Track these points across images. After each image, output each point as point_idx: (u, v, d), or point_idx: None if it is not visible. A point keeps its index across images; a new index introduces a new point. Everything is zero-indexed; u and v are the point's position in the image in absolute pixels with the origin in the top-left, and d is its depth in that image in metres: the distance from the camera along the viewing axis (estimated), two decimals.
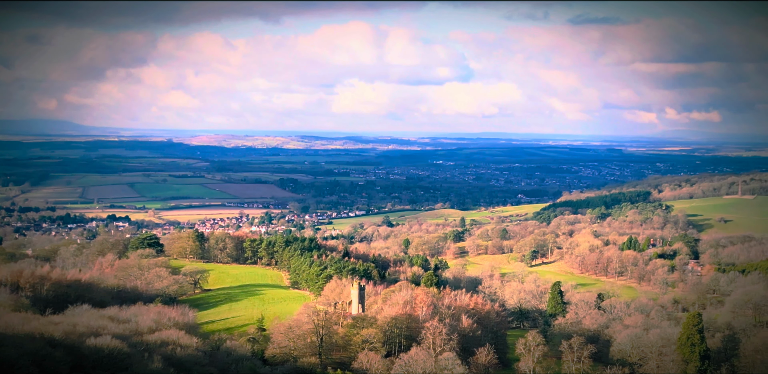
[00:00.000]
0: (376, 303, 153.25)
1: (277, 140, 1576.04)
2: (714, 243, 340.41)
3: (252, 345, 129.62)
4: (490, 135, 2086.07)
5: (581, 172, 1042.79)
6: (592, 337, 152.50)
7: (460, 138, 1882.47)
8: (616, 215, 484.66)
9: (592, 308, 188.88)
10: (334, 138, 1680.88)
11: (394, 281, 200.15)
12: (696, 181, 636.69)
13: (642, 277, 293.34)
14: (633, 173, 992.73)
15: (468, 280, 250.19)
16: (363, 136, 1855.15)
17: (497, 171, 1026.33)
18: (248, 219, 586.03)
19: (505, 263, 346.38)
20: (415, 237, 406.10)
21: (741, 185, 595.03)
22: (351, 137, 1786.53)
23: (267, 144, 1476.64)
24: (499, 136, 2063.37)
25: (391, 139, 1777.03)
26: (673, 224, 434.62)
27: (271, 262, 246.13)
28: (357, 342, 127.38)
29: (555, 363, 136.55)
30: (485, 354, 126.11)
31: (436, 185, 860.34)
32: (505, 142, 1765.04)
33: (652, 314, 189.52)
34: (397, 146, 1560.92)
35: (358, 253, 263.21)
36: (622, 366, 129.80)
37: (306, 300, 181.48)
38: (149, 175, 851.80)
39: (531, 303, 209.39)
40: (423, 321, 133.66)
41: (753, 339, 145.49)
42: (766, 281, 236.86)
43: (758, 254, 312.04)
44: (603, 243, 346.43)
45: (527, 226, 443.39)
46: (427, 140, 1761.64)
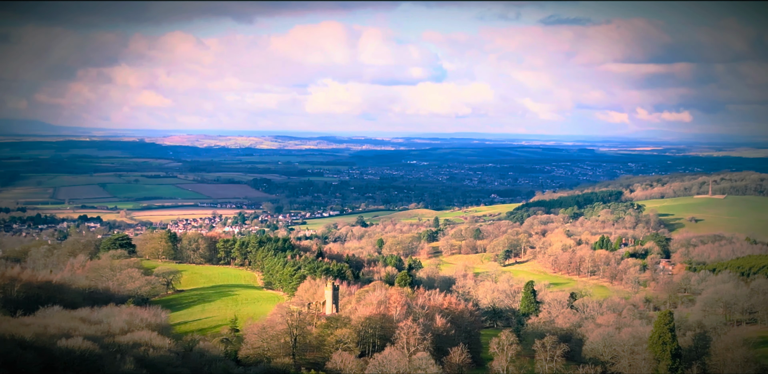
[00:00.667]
0: (350, 303, 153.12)
1: (251, 140, 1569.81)
2: (685, 242, 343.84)
3: (225, 345, 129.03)
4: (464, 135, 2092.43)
5: (554, 172, 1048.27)
6: (565, 336, 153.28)
7: (434, 138, 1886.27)
8: (589, 214, 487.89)
9: (564, 307, 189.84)
10: (307, 138, 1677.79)
11: (368, 281, 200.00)
12: (667, 181, 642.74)
13: (614, 276, 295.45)
14: (605, 172, 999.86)
15: (442, 280, 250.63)
16: (337, 136, 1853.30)
17: (471, 171, 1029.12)
18: (221, 220, 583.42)
19: (479, 262, 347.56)
20: (389, 237, 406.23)
21: (712, 184, 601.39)
22: (325, 137, 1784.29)
23: (240, 144, 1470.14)
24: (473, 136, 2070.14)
25: (365, 139, 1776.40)
26: (644, 224, 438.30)
27: (244, 263, 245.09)
28: (331, 343, 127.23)
29: (528, 362, 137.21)
30: (459, 353, 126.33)
31: (410, 185, 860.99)
32: (479, 142, 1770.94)
33: (624, 313, 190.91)
34: (371, 146, 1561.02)
35: (332, 253, 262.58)
36: (594, 365, 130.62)
37: (279, 300, 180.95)
38: (121, 175, 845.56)
39: (504, 303, 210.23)
40: (397, 320, 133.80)
41: (723, 337, 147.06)
42: (736, 279, 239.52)
43: (728, 253, 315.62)
44: (575, 243, 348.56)
45: (500, 226, 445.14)
46: (401, 140, 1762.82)
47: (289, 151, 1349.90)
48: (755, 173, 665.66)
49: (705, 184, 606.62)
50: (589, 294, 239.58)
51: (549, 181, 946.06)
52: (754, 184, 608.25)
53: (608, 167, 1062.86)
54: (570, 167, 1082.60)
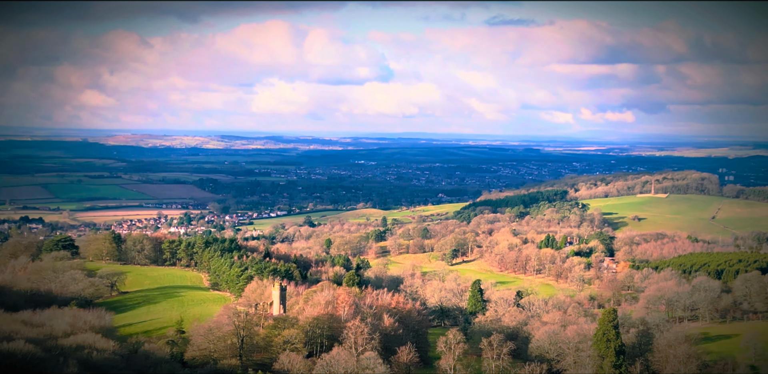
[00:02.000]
0: (297, 304, 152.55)
1: (197, 139, 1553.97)
2: (628, 241, 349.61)
3: (171, 347, 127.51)
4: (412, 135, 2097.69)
5: (500, 171, 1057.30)
6: (512, 334, 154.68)
7: (382, 138, 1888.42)
8: (535, 213, 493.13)
9: (511, 305, 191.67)
10: (254, 138, 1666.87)
11: (316, 281, 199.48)
12: (611, 180, 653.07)
13: (559, 274, 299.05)
14: (550, 172, 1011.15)
15: (390, 279, 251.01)
16: (284, 136, 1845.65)
17: (418, 171, 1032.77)
18: (167, 220, 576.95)
19: (427, 262, 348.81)
20: (337, 237, 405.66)
21: (654, 184, 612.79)
22: (272, 136, 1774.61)
23: (186, 144, 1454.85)
24: (420, 136, 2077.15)
25: (313, 139, 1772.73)
26: (589, 223, 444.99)
27: (190, 264, 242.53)
28: (278, 343, 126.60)
29: (475, 360, 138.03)
30: (407, 352, 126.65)
31: (357, 184, 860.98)
32: (426, 142, 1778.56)
33: (569, 310, 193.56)
34: (319, 145, 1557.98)
35: (280, 253, 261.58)
36: (540, 363, 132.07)
37: (226, 301, 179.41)
38: (64, 175, 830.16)
39: (452, 302, 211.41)
40: (345, 320, 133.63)
41: (666, 334, 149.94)
42: (678, 277, 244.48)
43: (671, 251, 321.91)
44: (522, 242, 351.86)
45: (448, 225, 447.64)
46: (348, 140, 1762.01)
47: (235, 151, 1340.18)
48: (696, 172, 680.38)
49: (648, 183, 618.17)
50: (535, 292, 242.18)
51: (495, 180, 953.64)
52: (695, 183, 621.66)
53: (553, 167, 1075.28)
54: (516, 167, 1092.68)
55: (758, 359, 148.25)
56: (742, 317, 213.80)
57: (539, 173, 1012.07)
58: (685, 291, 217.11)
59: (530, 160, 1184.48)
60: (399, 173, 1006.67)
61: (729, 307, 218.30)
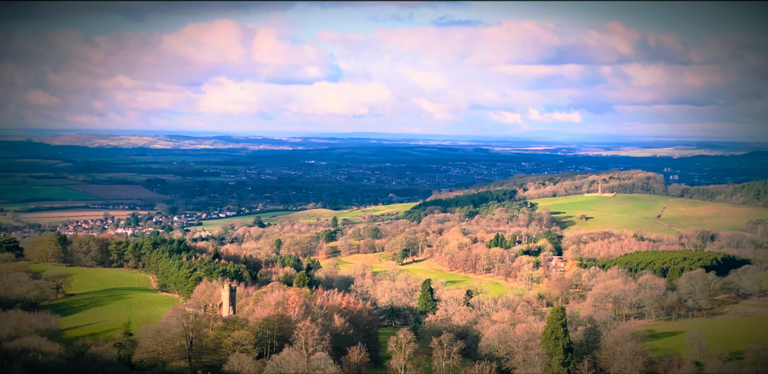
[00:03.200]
0: (247, 305, 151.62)
1: (144, 139, 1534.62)
2: (576, 240, 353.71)
3: (118, 350, 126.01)
4: (362, 135, 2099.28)
5: (450, 171, 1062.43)
6: (462, 333, 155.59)
7: (332, 138, 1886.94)
8: (484, 213, 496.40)
9: (461, 304, 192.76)
10: (203, 138, 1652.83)
11: (266, 282, 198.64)
12: (559, 179, 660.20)
13: (509, 273, 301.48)
14: (499, 172, 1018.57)
15: (340, 279, 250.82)
16: (233, 135, 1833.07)
17: (369, 171, 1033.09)
18: (114, 221, 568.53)
19: (377, 262, 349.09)
20: (287, 237, 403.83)
21: (601, 183, 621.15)
22: (221, 136, 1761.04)
23: (133, 144, 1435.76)
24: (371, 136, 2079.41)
25: (263, 138, 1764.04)
26: (537, 222, 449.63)
27: (138, 265, 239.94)
28: (228, 345, 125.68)
29: (426, 359, 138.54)
30: (357, 352, 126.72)
31: (308, 185, 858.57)
32: (377, 142, 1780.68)
33: (519, 309, 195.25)
34: (269, 145, 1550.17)
35: (229, 254, 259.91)
36: (490, 361, 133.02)
37: (175, 303, 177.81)
38: (8, 176, 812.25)
39: (402, 301, 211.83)
40: (295, 321, 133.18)
41: (613, 332, 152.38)
42: (624, 275, 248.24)
43: (617, 249, 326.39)
44: (471, 241, 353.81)
45: (398, 225, 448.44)
46: (298, 140, 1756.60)
47: (184, 151, 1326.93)
48: (642, 171, 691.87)
49: (595, 182, 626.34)
50: (484, 291, 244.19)
51: (446, 180, 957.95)
52: (641, 182, 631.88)
53: (503, 167, 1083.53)
54: (466, 167, 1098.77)
55: (703, 356, 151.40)
56: (687, 314, 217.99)
57: (489, 173, 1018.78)
58: (632, 289, 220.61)
59: (480, 160, 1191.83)
60: (349, 173, 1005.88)
61: (674, 305, 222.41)
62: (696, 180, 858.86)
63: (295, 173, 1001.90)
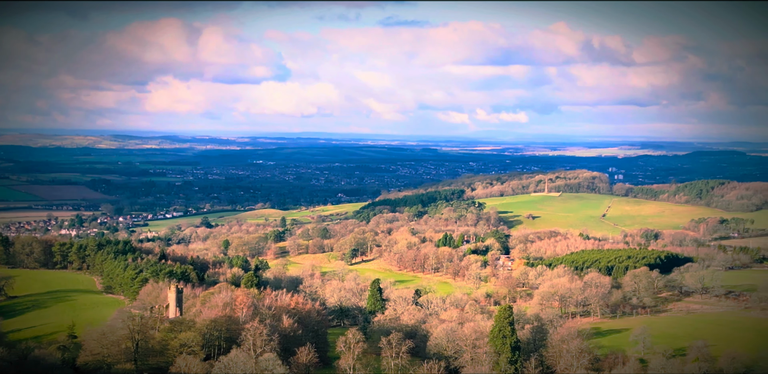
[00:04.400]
0: (194, 306, 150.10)
1: (89, 139, 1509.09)
2: (523, 239, 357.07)
3: (62, 353, 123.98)
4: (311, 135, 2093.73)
5: (399, 171, 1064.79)
6: (410, 332, 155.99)
7: (280, 138, 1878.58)
8: (433, 212, 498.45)
9: (410, 304, 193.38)
10: (149, 137, 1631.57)
11: (214, 283, 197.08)
12: (506, 179, 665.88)
13: (457, 272, 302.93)
14: (448, 171, 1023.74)
15: (289, 280, 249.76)
16: (180, 135, 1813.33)
17: (318, 171, 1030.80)
18: (57, 222, 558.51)
19: (326, 262, 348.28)
20: (235, 238, 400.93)
21: (547, 182, 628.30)
22: (167, 136, 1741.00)
23: (77, 144, 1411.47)
24: (319, 136, 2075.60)
25: (210, 138, 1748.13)
26: (485, 221, 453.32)
27: (82, 267, 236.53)
28: (175, 346, 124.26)
29: (374, 359, 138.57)
30: (306, 353, 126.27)
31: (256, 185, 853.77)
32: (325, 142, 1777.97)
33: (467, 308, 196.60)
34: (216, 145, 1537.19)
35: (176, 255, 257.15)
36: (438, 360, 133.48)
37: (120, 305, 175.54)
38: None
39: (351, 301, 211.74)
40: (243, 322, 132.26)
41: (559, 330, 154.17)
42: (570, 274, 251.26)
43: (564, 248, 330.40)
44: (420, 240, 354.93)
45: (347, 225, 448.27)
46: (246, 140, 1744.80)
47: (129, 151, 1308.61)
48: (588, 171, 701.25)
49: (541, 182, 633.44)
50: (433, 290, 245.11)
51: (394, 180, 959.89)
52: (586, 182, 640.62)
53: (451, 166, 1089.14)
54: (414, 167, 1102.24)
55: (647, 352, 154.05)
56: (632, 312, 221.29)
57: (437, 173, 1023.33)
58: (578, 287, 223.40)
59: (428, 160, 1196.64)
60: (298, 173, 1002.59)
61: (619, 302, 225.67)
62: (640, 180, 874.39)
63: (243, 173, 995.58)
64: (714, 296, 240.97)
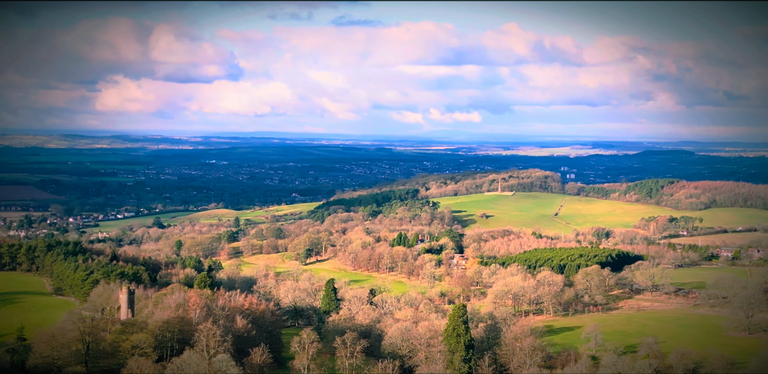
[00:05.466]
0: (146, 307, 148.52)
1: (38, 138, 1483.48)
2: (477, 238, 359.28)
3: (11, 356, 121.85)
4: (264, 134, 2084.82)
5: (354, 171, 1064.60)
6: (365, 332, 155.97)
7: (234, 137, 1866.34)
8: (387, 212, 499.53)
9: (364, 303, 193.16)
10: (100, 137, 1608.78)
11: (166, 284, 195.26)
12: (460, 179, 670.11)
13: (412, 272, 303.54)
14: (402, 171, 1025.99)
15: (243, 280, 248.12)
16: (131, 135, 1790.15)
17: (271, 170, 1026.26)
18: (6, 223, 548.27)
19: (280, 262, 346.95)
20: (188, 238, 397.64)
21: (501, 182, 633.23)
22: (118, 135, 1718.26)
23: (26, 143, 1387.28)
24: (273, 135, 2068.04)
25: (162, 138, 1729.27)
26: (439, 220, 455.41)
27: (31, 268, 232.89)
28: (126, 348, 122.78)
29: (329, 359, 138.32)
30: (260, 353, 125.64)
31: (209, 184, 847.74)
32: (279, 141, 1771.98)
33: (421, 307, 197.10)
34: (169, 145, 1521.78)
35: (128, 256, 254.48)
36: (393, 359, 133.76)
37: (71, 306, 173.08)
38: None
39: (306, 301, 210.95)
40: (196, 323, 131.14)
41: (513, 328, 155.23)
42: (524, 272, 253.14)
43: (517, 247, 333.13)
44: (375, 240, 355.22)
45: (302, 225, 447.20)
46: (199, 139, 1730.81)
47: (80, 150, 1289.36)
48: (540, 170, 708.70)
49: (495, 181, 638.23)
50: (387, 289, 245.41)
51: (349, 180, 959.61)
52: (539, 181, 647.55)
53: (405, 166, 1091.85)
54: (369, 166, 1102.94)
55: (599, 350, 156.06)
56: (584, 309, 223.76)
57: (391, 172, 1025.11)
58: (531, 285, 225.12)
59: (383, 159, 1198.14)
60: (252, 173, 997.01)
61: (571, 300, 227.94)
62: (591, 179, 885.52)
63: (196, 173, 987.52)
64: (664, 293, 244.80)
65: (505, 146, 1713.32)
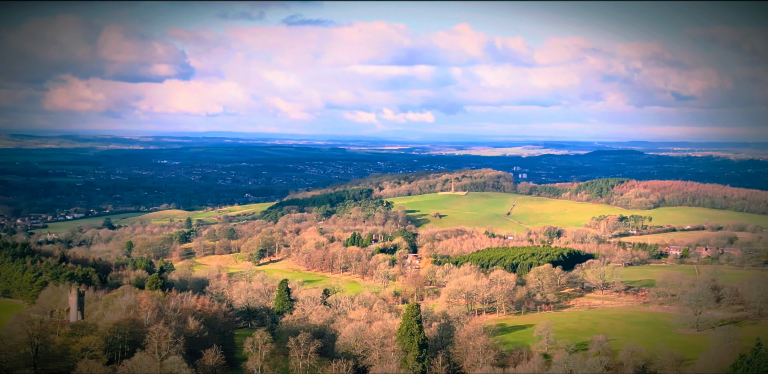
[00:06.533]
0: (97, 309, 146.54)
1: None
2: (430, 237, 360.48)
3: None
4: (216, 134, 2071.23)
5: (307, 171, 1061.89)
6: (319, 332, 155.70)
7: (185, 137, 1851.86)
8: (341, 212, 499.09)
9: (318, 304, 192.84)
10: (48, 137, 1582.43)
11: (117, 285, 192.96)
12: (414, 179, 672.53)
13: (365, 271, 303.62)
14: (356, 171, 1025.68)
15: (195, 281, 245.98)
16: (81, 135, 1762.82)
17: (224, 171, 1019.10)
18: None
19: (233, 262, 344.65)
20: (139, 239, 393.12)
21: (454, 182, 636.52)
22: (68, 135, 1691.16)
23: None
24: (226, 135, 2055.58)
25: (112, 138, 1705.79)
26: (393, 220, 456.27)
27: None
28: (76, 351, 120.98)
29: (283, 360, 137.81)
30: (212, 355, 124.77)
31: (160, 185, 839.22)
32: (232, 141, 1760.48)
33: (375, 307, 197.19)
34: (119, 145, 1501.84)
35: (77, 258, 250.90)
36: (347, 359, 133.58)
37: (19, 309, 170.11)
38: None
39: (259, 302, 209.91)
40: (147, 325, 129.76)
41: (466, 327, 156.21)
42: (476, 271, 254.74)
43: (470, 246, 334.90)
44: (328, 240, 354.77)
45: (255, 225, 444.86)
46: (150, 139, 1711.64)
47: (28, 150, 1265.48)
48: (493, 170, 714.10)
49: (448, 181, 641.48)
50: (341, 289, 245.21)
51: (303, 180, 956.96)
52: (491, 181, 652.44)
53: (359, 166, 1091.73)
54: (323, 166, 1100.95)
55: (551, 347, 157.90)
56: (536, 308, 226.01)
57: (345, 173, 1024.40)
58: (484, 284, 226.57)
59: (336, 159, 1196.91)
60: (204, 173, 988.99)
61: (523, 299, 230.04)
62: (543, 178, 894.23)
63: (147, 173, 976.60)
64: (614, 291, 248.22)
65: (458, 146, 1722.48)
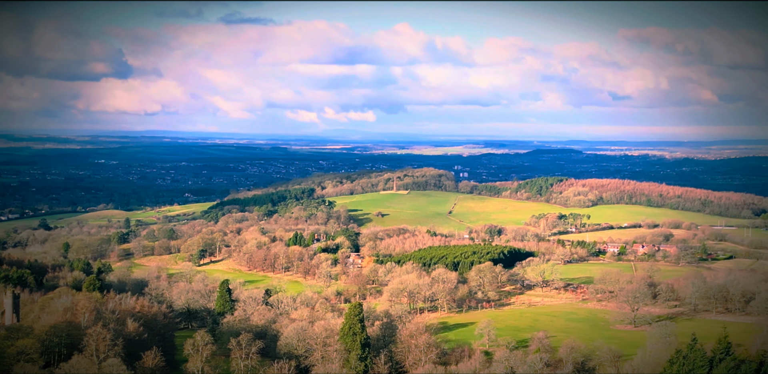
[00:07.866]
0: (32, 312, 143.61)
1: None
2: (373, 236, 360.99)
3: None
4: (155, 133, 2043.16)
5: (248, 170, 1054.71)
6: (260, 333, 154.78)
7: (123, 136, 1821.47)
8: (283, 212, 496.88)
9: (260, 304, 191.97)
10: None
11: (53, 287, 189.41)
12: (356, 178, 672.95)
13: (308, 271, 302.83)
14: (298, 170, 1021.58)
15: (134, 283, 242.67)
16: (15, 134, 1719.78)
17: (163, 170, 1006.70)
18: None
19: (173, 263, 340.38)
20: (76, 240, 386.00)
21: (396, 181, 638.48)
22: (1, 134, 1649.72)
23: None
24: (165, 134, 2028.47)
25: (48, 137, 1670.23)
26: (335, 219, 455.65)
27: None
28: (11, 354, 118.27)
29: (224, 361, 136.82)
30: (152, 357, 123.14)
31: (98, 185, 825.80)
32: (171, 140, 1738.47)
33: (317, 306, 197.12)
34: (55, 144, 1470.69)
35: (12, 259, 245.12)
36: (289, 360, 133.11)
37: None
38: None
39: (200, 303, 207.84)
40: (85, 327, 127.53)
41: (408, 325, 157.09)
42: (419, 270, 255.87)
43: (412, 245, 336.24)
44: (270, 240, 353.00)
45: (195, 225, 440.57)
46: (87, 139, 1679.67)
47: None
48: (434, 169, 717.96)
49: (390, 180, 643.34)
50: (283, 289, 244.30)
51: (244, 179, 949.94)
52: (433, 179, 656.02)
53: (301, 165, 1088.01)
54: (264, 166, 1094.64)
55: (492, 345, 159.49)
56: (477, 306, 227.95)
57: (287, 172, 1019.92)
58: (426, 283, 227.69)
59: (278, 158, 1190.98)
60: (143, 173, 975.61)
61: (465, 297, 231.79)
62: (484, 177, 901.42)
63: (84, 173, 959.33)
64: (554, 289, 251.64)
65: (400, 145, 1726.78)
